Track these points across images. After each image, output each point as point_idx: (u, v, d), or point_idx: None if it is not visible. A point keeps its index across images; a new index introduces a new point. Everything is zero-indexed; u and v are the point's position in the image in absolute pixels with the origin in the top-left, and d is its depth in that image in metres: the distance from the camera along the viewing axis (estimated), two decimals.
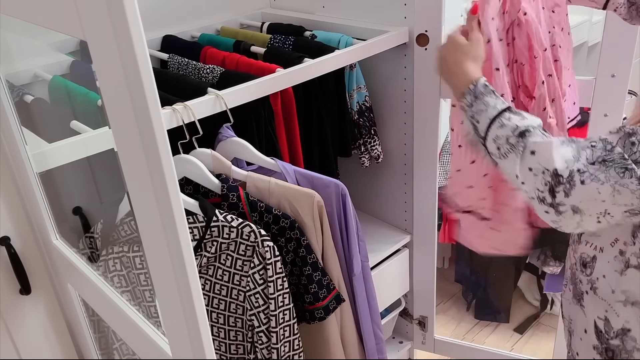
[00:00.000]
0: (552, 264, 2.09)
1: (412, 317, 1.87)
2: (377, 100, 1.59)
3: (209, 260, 1.08)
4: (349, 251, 1.21)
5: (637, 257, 0.90)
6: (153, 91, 0.59)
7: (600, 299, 0.96)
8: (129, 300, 1.03)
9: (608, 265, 0.94)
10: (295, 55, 1.32)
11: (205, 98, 1.09)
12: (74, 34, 0.65)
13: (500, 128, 0.89)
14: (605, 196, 0.78)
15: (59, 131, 1.13)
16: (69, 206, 1.27)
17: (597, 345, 0.99)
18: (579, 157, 0.79)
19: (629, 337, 0.94)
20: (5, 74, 1.09)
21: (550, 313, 2.28)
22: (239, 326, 1.14)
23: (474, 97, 0.95)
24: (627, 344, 0.95)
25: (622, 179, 0.76)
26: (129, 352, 1.25)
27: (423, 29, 1.41)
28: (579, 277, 1.01)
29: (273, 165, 1.18)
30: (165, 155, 0.62)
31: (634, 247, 0.90)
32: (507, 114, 0.90)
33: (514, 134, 0.87)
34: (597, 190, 0.77)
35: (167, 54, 1.42)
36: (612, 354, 0.97)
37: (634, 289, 0.91)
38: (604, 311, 0.96)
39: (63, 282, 1.28)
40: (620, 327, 0.95)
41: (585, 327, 1.01)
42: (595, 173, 0.77)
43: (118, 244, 1.11)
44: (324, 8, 1.62)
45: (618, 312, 0.94)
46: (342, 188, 1.15)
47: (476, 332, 2.25)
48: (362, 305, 1.27)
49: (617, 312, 0.94)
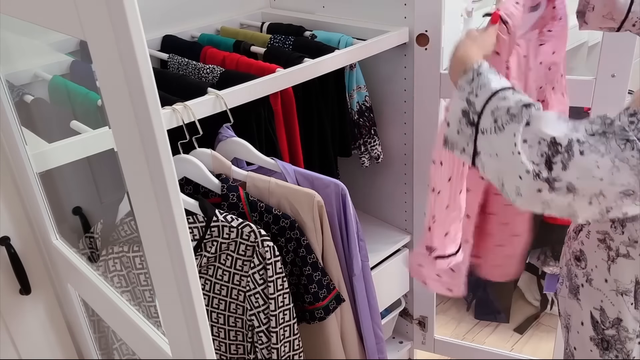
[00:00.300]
0: (552, 264, 2.09)
1: (412, 317, 1.87)
2: (377, 100, 1.59)
3: (209, 260, 1.08)
4: (349, 251, 1.21)
5: (627, 246, 0.91)
6: (153, 91, 0.59)
7: (595, 289, 0.98)
8: (129, 300, 1.03)
9: (595, 255, 0.96)
10: (295, 55, 1.32)
11: (205, 98, 1.09)
12: (74, 34, 0.65)
13: (503, 100, 0.81)
14: (604, 172, 0.73)
15: (59, 131, 1.13)
16: (69, 206, 1.27)
17: (593, 336, 1.00)
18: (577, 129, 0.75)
19: (621, 326, 0.95)
20: (5, 74, 1.09)
21: (550, 313, 2.28)
22: (239, 326, 1.14)
23: (477, 74, 0.86)
24: (620, 334, 0.96)
25: (622, 151, 0.71)
26: (129, 352, 1.25)
27: (423, 29, 1.41)
28: (574, 271, 1.02)
29: (273, 165, 1.18)
30: (165, 155, 0.62)
31: (623, 237, 0.90)
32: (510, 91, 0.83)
33: (517, 105, 0.79)
34: (596, 163, 0.73)
35: (167, 54, 1.42)
36: (607, 344, 0.98)
37: (623, 279, 0.92)
38: (600, 301, 0.97)
39: (63, 282, 1.28)
40: (616, 317, 0.96)
41: (581, 320, 1.02)
42: (595, 144, 0.73)
43: (118, 244, 1.11)
44: (324, 8, 1.62)
45: (612, 301, 0.95)
46: (342, 188, 1.15)
47: (476, 332, 2.25)
48: (362, 305, 1.27)
49: (612, 301, 0.95)
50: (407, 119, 1.56)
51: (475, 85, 0.84)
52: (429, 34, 1.41)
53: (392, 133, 1.62)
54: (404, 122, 1.57)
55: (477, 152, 0.82)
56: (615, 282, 0.94)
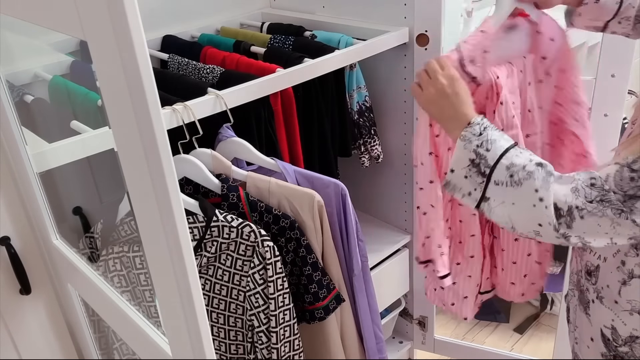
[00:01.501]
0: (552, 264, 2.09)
1: (412, 317, 1.87)
2: (377, 100, 1.59)
3: (209, 260, 1.08)
4: (349, 251, 1.21)
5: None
6: (153, 91, 0.59)
7: (606, 308, 0.97)
8: (129, 300, 1.03)
9: (611, 276, 0.95)
10: (295, 55, 1.32)
11: (205, 98, 1.09)
12: (74, 34, 0.65)
13: (516, 157, 0.89)
14: (607, 229, 0.82)
15: (59, 131, 1.13)
16: (69, 206, 1.27)
17: (605, 352, 1.00)
18: (578, 193, 0.83)
19: (637, 343, 0.95)
20: (5, 74, 1.09)
21: (550, 313, 2.28)
22: (239, 326, 1.14)
23: (483, 128, 0.93)
24: (635, 351, 0.95)
25: (618, 218, 0.81)
26: (129, 352, 1.25)
27: (423, 29, 1.41)
28: (585, 284, 1.02)
29: (273, 165, 1.18)
30: (165, 155, 0.62)
31: (637, 259, 0.90)
32: (519, 149, 0.91)
33: (531, 163, 0.88)
34: (597, 223, 0.82)
35: (167, 54, 1.42)
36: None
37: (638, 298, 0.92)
38: (611, 320, 0.97)
39: (63, 282, 1.28)
40: (629, 335, 0.95)
41: (591, 336, 1.02)
42: (593, 210, 0.82)
43: (118, 244, 1.11)
44: (324, 8, 1.62)
45: (625, 320, 0.95)
46: (342, 188, 1.15)
47: (476, 332, 2.25)
48: (362, 305, 1.27)
49: (624, 321, 0.95)
50: (407, 119, 1.56)
51: (484, 139, 0.92)
52: (429, 34, 1.41)
53: (392, 133, 1.62)
54: (404, 122, 1.57)
55: (485, 197, 0.92)
56: (629, 303, 0.94)
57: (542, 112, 1.21)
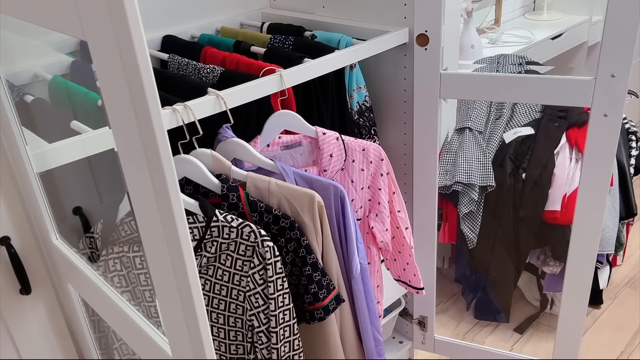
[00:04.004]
0: (552, 263, 2.09)
1: (412, 317, 1.87)
2: (377, 100, 1.59)
3: (209, 261, 1.08)
4: (348, 254, 1.21)
5: None
6: (153, 91, 0.59)
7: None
8: (129, 300, 1.03)
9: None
10: (295, 55, 1.32)
11: (205, 98, 1.09)
12: (74, 34, 0.65)
13: None
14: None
15: (59, 131, 1.13)
16: (69, 206, 1.27)
17: None
18: None
19: None
20: (5, 74, 1.09)
21: (550, 313, 2.28)
22: (239, 326, 1.14)
23: None
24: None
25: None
26: (129, 352, 1.25)
27: (423, 29, 1.41)
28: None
29: (272, 166, 1.18)
30: (165, 155, 0.62)
31: None
32: None
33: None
34: None
35: (167, 54, 1.42)
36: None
37: None
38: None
39: (63, 282, 1.28)
40: None
41: None
42: None
43: (118, 244, 1.11)
44: (324, 8, 1.62)
45: None
46: (341, 190, 1.15)
47: (476, 332, 2.25)
48: (361, 307, 1.27)
49: None
50: (407, 119, 1.56)
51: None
52: (429, 34, 1.41)
53: (392, 133, 1.62)
54: (404, 122, 1.57)
55: None
56: None
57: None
